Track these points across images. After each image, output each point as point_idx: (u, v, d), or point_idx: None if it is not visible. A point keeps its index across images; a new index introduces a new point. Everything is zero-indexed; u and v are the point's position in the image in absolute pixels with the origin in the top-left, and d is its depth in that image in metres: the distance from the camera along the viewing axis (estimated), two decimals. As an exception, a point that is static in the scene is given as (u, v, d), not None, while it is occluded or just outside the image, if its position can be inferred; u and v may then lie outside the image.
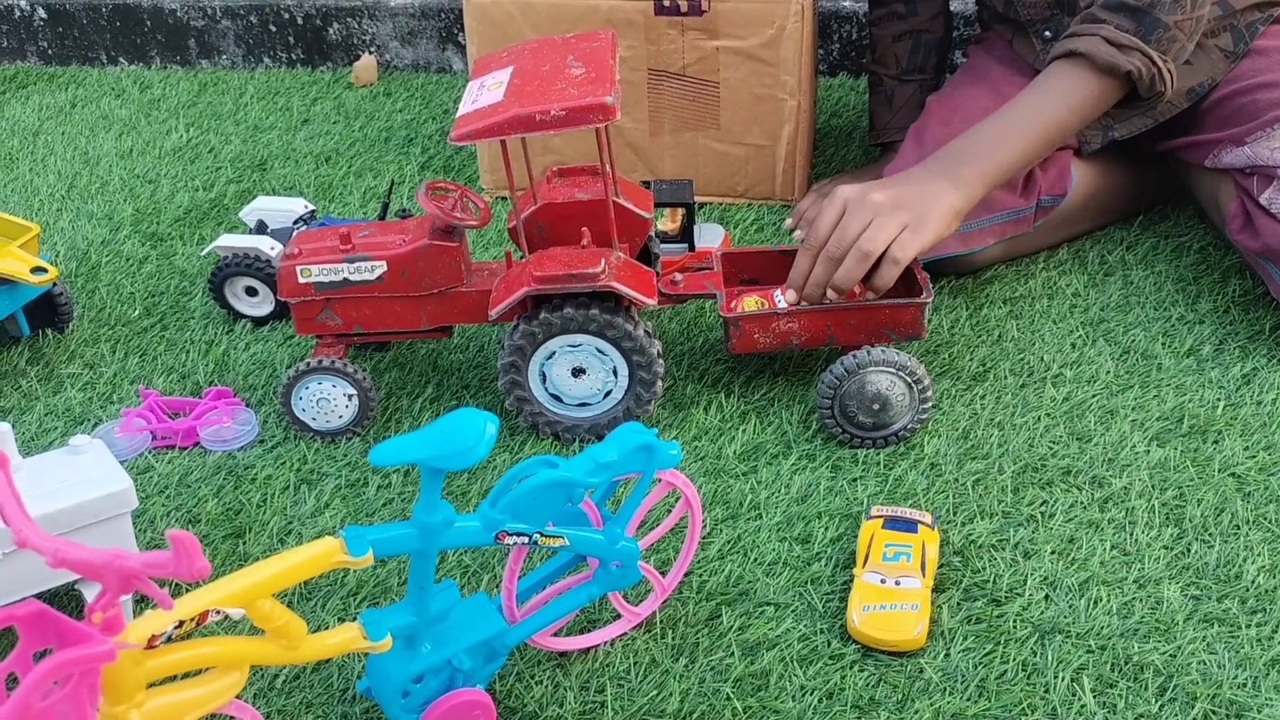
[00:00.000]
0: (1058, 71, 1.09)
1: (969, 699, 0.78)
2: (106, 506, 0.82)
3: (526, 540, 0.74)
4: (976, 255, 1.21)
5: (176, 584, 0.86)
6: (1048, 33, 1.24)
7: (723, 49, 1.33)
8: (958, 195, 1.05)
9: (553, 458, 0.75)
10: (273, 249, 1.20)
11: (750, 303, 1.05)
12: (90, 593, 0.84)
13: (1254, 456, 0.97)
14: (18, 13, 1.96)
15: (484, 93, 0.97)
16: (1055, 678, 0.79)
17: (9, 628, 0.57)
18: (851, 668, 0.80)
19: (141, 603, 0.88)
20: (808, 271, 1.02)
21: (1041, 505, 0.93)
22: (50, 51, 1.98)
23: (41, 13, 1.95)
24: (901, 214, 1.01)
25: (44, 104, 1.81)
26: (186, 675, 0.64)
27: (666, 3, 1.31)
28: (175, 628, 0.60)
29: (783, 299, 1.04)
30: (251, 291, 1.21)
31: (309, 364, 1.03)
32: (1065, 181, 1.22)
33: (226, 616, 0.62)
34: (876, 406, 0.99)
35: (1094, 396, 1.05)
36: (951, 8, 1.42)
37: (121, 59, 1.96)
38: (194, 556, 0.51)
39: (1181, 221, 1.31)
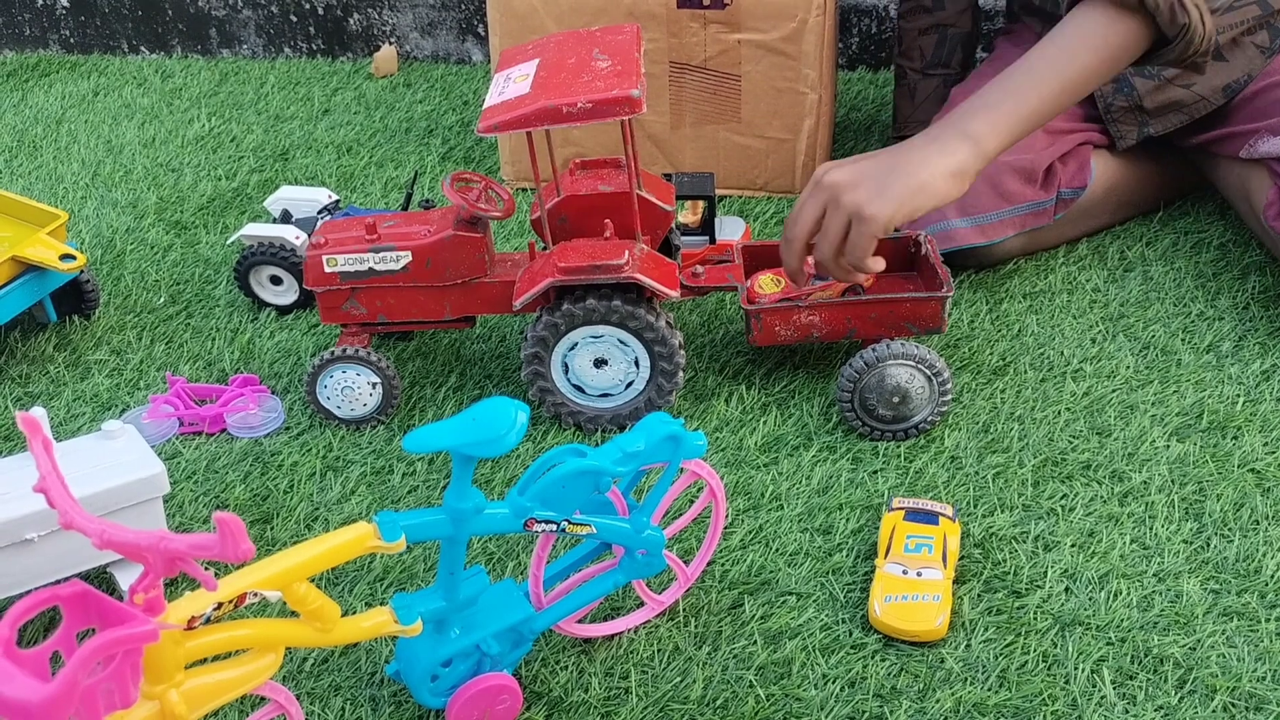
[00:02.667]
0: (1075, 18, 1.03)
1: (990, 689, 0.79)
2: (139, 491, 0.84)
3: (554, 528, 0.75)
4: (996, 247, 1.21)
5: (208, 567, 0.87)
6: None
7: (744, 42, 1.34)
8: (962, 153, 0.97)
9: (581, 446, 0.76)
10: (297, 238, 1.21)
11: (766, 281, 1.05)
12: (124, 577, 0.85)
13: (1273, 452, 0.97)
14: (40, 1, 1.97)
15: (510, 85, 0.98)
16: (1075, 669, 0.80)
17: (53, 607, 0.58)
18: (873, 657, 0.81)
19: (175, 585, 0.89)
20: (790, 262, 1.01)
21: (1062, 499, 0.94)
22: (73, 40, 1.99)
23: (64, 1, 1.97)
24: (851, 196, 0.95)
25: (67, 92, 1.82)
26: (220, 657, 0.65)
27: (689, -4, 1.32)
28: (214, 609, 0.61)
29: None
30: (276, 280, 1.22)
31: (334, 352, 1.04)
32: (1085, 174, 1.23)
33: (263, 599, 0.63)
34: (896, 399, 1.00)
35: (1114, 391, 1.05)
36: (980, 4, 1.42)
37: (143, 48, 1.97)
38: (239, 539, 0.52)
39: (1201, 217, 1.31)
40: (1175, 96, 1.22)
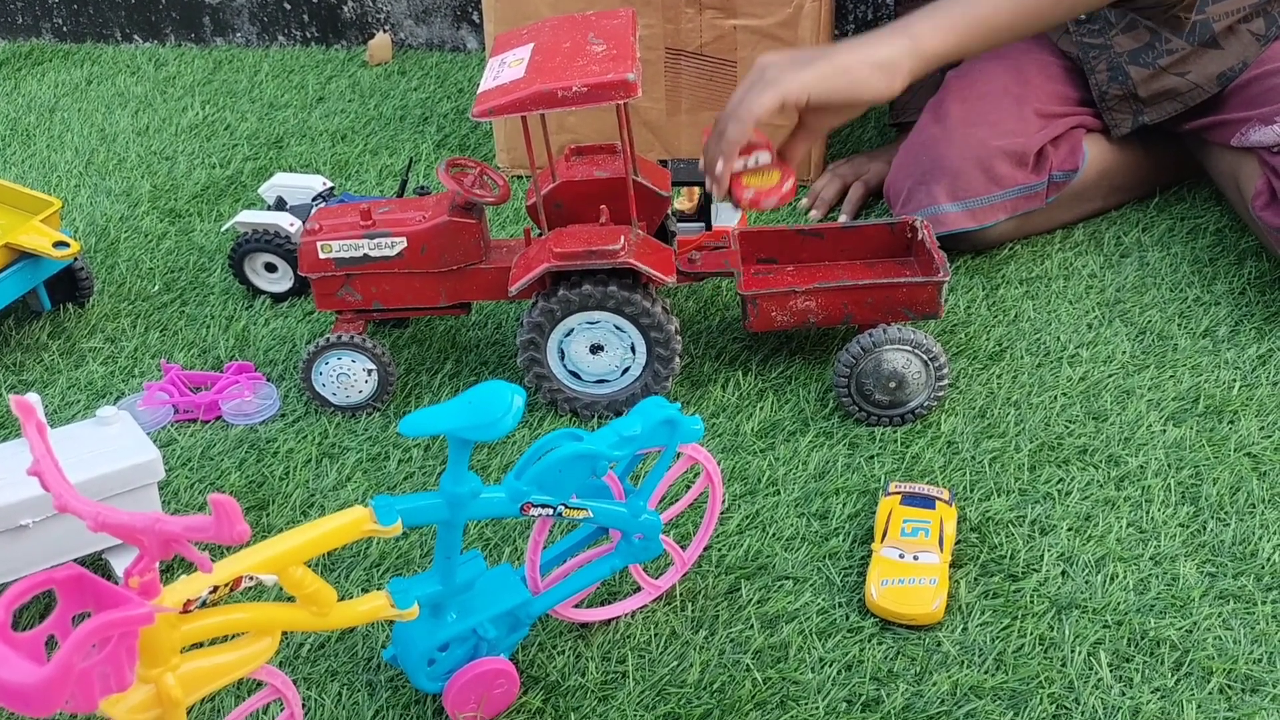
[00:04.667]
0: None
1: (986, 672, 0.79)
2: (135, 476, 0.84)
3: (551, 512, 0.75)
4: (989, 231, 1.21)
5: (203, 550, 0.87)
6: (1082, 15, 1.23)
7: (740, 28, 1.33)
8: (896, 45, 0.93)
9: (578, 431, 0.76)
10: (292, 225, 1.20)
11: (755, 178, 1.01)
12: (119, 563, 0.85)
13: (1269, 436, 0.97)
14: (33, -11, 1.96)
15: (505, 69, 0.97)
16: (1072, 652, 0.80)
17: (47, 590, 0.58)
18: (870, 641, 0.81)
19: (172, 570, 0.89)
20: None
21: (1058, 483, 0.94)
22: (65, 28, 1.98)
23: (56, -11, 1.96)
24: (776, 68, 0.93)
25: (60, 81, 1.81)
26: (216, 640, 0.65)
27: (684, -19, 1.31)
28: (210, 593, 0.61)
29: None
30: (271, 268, 1.22)
31: (329, 339, 1.03)
32: (1077, 157, 1.22)
33: (259, 583, 0.63)
34: (893, 384, 1.00)
35: (1110, 376, 1.05)
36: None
37: (136, 36, 1.97)
38: (235, 520, 0.52)
39: (1198, 203, 1.31)
40: (1170, 85, 1.22)
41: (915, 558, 0.85)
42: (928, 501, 0.89)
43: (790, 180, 1.01)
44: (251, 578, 0.62)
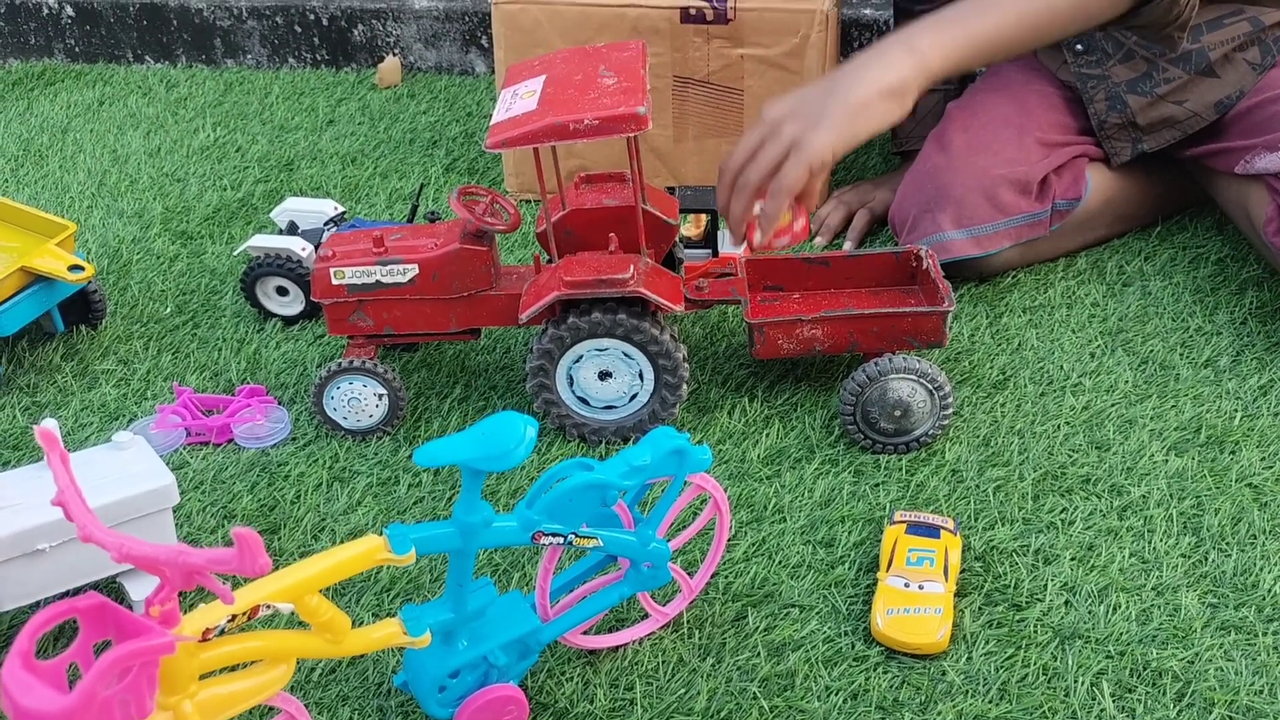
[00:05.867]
0: None
1: (990, 701, 0.80)
2: (149, 502, 0.85)
3: (562, 540, 0.76)
4: (993, 258, 1.22)
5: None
6: (1079, 46, 1.25)
7: (747, 57, 1.35)
8: (903, 67, 0.93)
9: (588, 460, 0.77)
10: (304, 250, 1.22)
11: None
12: (133, 587, 0.86)
13: (1271, 467, 0.99)
14: (46, 10, 1.98)
15: (517, 101, 0.99)
16: (1075, 682, 0.80)
17: (70, 619, 0.59)
18: (875, 669, 0.82)
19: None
20: (727, 202, 0.99)
21: (1061, 512, 0.95)
22: (78, 49, 2.00)
23: (69, 10, 1.98)
24: (790, 127, 0.93)
25: (72, 101, 1.83)
26: (233, 668, 0.66)
27: (692, 11, 1.33)
28: (228, 621, 0.62)
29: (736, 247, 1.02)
30: (282, 291, 1.23)
31: (340, 364, 1.05)
32: (1080, 186, 1.24)
33: (276, 611, 0.64)
34: (898, 413, 1.01)
35: (1113, 406, 1.07)
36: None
37: (148, 57, 1.98)
38: (257, 553, 0.53)
39: (1200, 233, 1.32)
40: (1168, 113, 1.23)
41: (920, 587, 0.86)
42: (933, 531, 0.90)
43: (802, 219, 1.02)
44: (269, 606, 0.63)
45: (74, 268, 1.14)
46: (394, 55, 1.90)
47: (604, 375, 1.03)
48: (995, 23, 0.95)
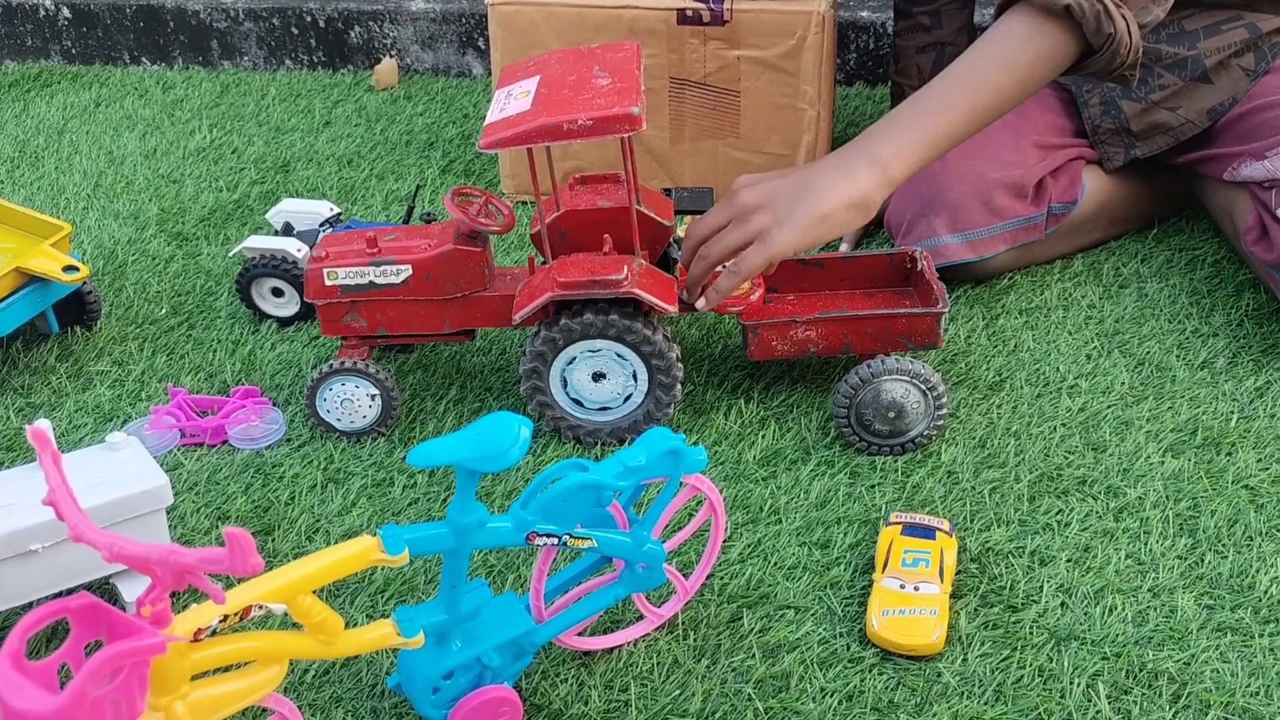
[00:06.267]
0: (995, 29, 1.02)
1: (986, 703, 0.79)
2: (143, 502, 0.84)
3: (556, 541, 0.76)
4: (989, 262, 1.22)
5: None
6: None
7: (744, 58, 1.35)
8: (867, 179, 0.97)
9: (583, 461, 0.77)
10: (299, 251, 1.21)
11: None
12: (126, 588, 0.85)
13: (1267, 469, 0.98)
14: (42, 12, 1.98)
15: (511, 101, 0.99)
16: (1071, 684, 0.80)
17: (61, 619, 0.58)
18: (871, 671, 0.82)
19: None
20: (688, 262, 1.03)
21: (1057, 514, 0.95)
22: (74, 51, 2.00)
23: (66, 12, 1.97)
24: (758, 220, 0.98)
25: (68, 103, 1.83)
26: (225, 669, 0.66)
27: (689, 12, 1.33)
28: (220, 622, 0.62)
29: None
30: (278, 292, 1.23)
31: (333, 365, 1.04)
32: (1076, 189, 1.24)
33: (268, 611, 0.64)
34: (892, 414, 1.01)
35: (1109, 407, 1.06)
36: (974, 20, 1.43)
37: (144, 59, 1.98)
38: (249, 553, 0.53)
39: (1196, 235, 1.32)
40: (1160, 119, 1.23)
41: (916, 588, 0.86)
42: (928, 532, 0.90)
43: (759, 291, 1.06)
44: (261, 607, 0.63)
45: (69, 269, 1.14)
46: (391, 57, 1.90)
47: (598, 377, 1.03)
48: (949, 120, 0.99)
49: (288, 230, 1.28)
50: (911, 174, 1.00)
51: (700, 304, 1.02)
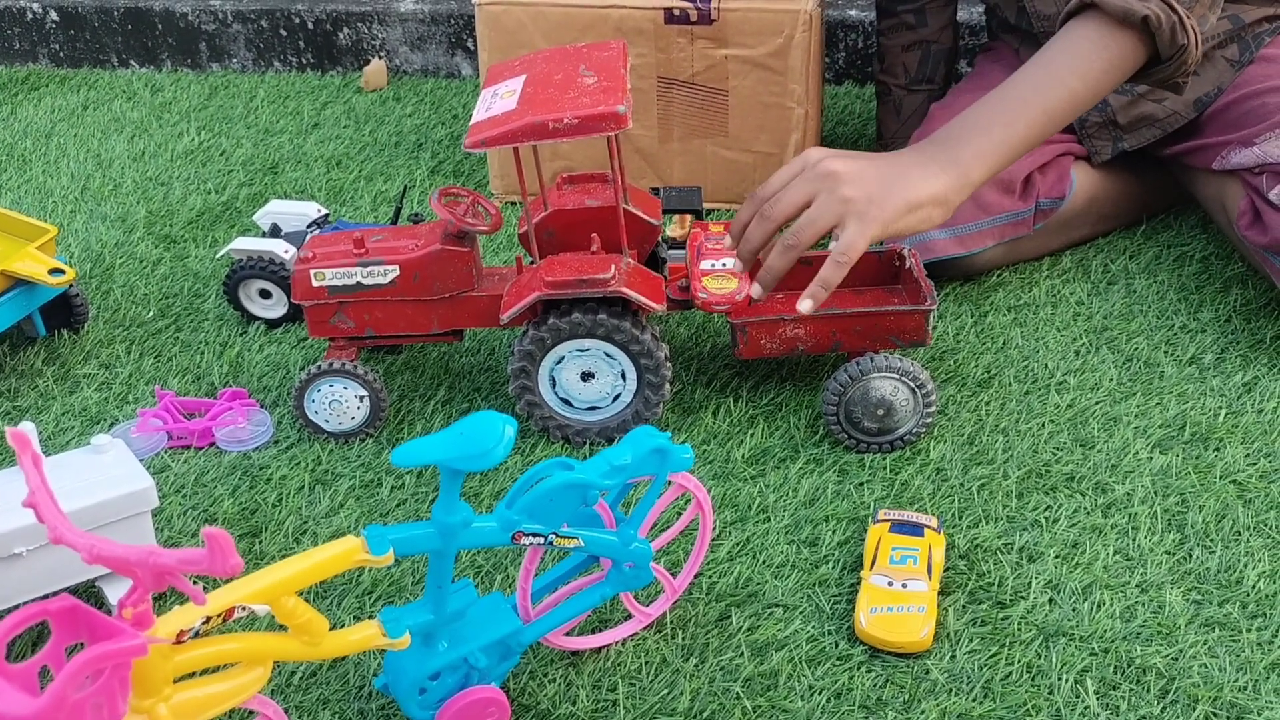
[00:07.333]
0: (1067, 35, 1.01)
1: (974, 700, 0.79)
2: (128, 505, 0.84)
3: (542, 541, 0.75)
4: (977, 257, 1.22)
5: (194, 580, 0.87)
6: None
7: (731, 57, 1.35)
8: (948, 179, 0.96)
9: (568, 460, 0.77)
10: (287, 252, 1.21)
11: (712, 283, 1.01)
12: (112, 591, 0.85)
13: (1255, 464, 0.98)
14: (30, 15, 1.98)
15: (497, 101, 0.98)
16: (1059, 679, 0.80)
17: (42, 622, 0.58)
18: (859, 668, 0.82)
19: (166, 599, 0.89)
20: (745, 223, 0.98)
21: (1046, 510, 0.95)
22: (62, 54, 1.99)
23: (53, 15, 1.97)
24: (851, 190, 0.92)
25: (56, 106, 1.82)
26: (209, 670, 0.66)
27: (676, 11, 1.33)
28: (202, 623, 0.62)
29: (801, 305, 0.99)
30: (265, 294, 1.23)
31: (321, 366, 1.04)
32: (1064, 185, 1.24)
33: (252, 613, 0.63)
34: (881, 412, 1.01)
35: (1097, 403, 1.06)
36: (959, 18, 1.44)
37: (133, 62, 1.98)
38: (228, 554, 0.52)
39: (1184, 231, 1.32)
40: (1147, 111, 1.23)
41: (904, 585, 0.85)
42: (916, 529, 0.90)
43: (744, 290, 1.01)
44: (244, 608, 0.63)
45: (55, 271, 1.14)
46: (379, 58, 1.89)
47: (586, 376, 1.03)
48: (1027, 124, 0.98)
49: (275, 232, 1.28)
50: (989, 178, 0.98)
51: (755, 291, 0.96)
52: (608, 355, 1.01)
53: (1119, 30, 0.99)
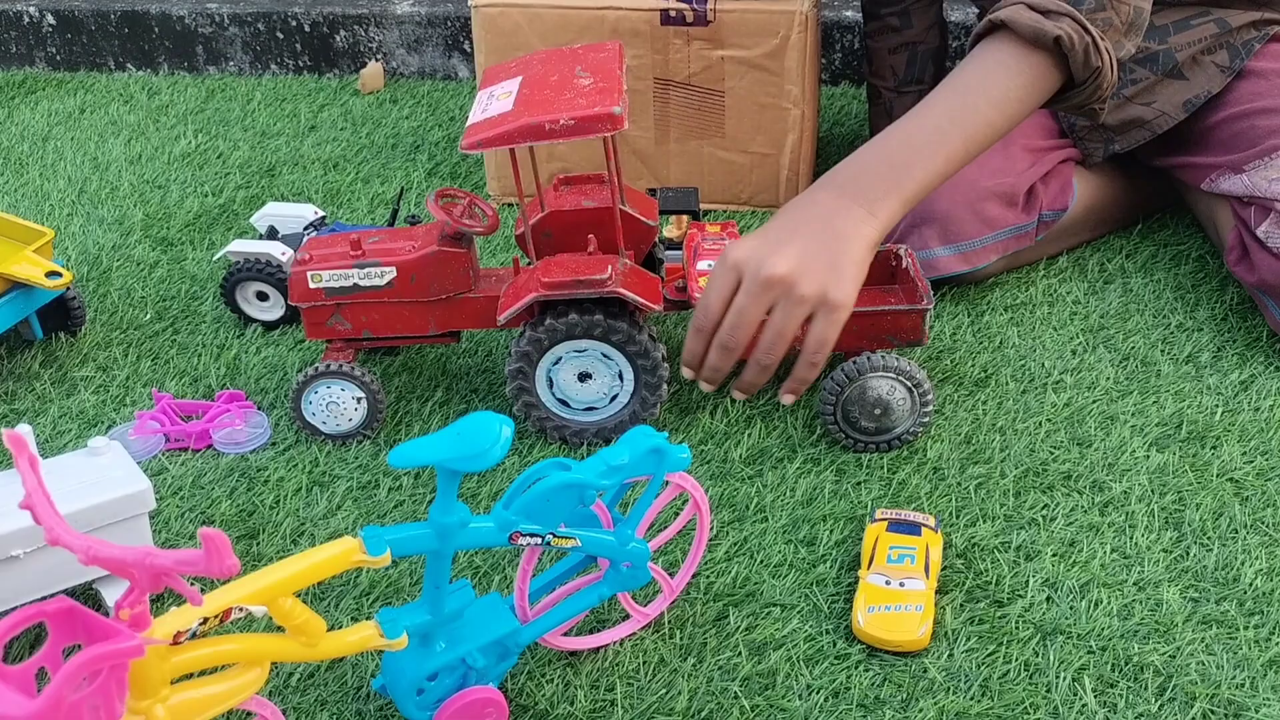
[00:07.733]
0: (980, 57, 0.99)
1: (972, 698, 0.79)
2: (125, 507, 0.84)
3: (540, 541, 0.75)
4: (979, 271, 1.22)
5: (190, 581, 0.87)
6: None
7: (728, 58, 1.35)
8: (876, 223, 0.94)
9: (565, 460, 0.77)
10: (284, 254, 1.21)
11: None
12: (110, 593, 0.85)
13: (1251, 461, 0.99)
14: (26, 19, 1.98)
15: (493, 102, 0.98)
16: (1057, 678, 0.80)
17: (39, 624, 0.58)
18: (857, 667, 0.82)
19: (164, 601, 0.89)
20: (701, 355, 0.95)
21: (1043, 509, 0.95)
22: (59, 57, 1.99)
23: (50, 19, 1.97)
24: (806, 288, 0.90)
25: (53, 109, 1.82)
26: (205, 672, 0.66)
27: (672, 13, 1.33)
28: (199, 624, 0.62)
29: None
30: (262, 296, 1.23)
31: (318, 368, 1.04)
32: (1067, 196, 1.23)
33: (249, 614, 0.63)
34: (878, 411, 1.01)
35: (1094, 402, 1.07)
36: (950, 18, 1.44)
37: (129, 65, 1.98)
38: (224, 554, 0.52)
39: (1180, 230, 1.32)
40: (1136, 114, 1.23)
41: (901, 584, 0.86)
42: (914, 528, 0.90)
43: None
44: (241, 609, 0.63)
45: (51, 274, 1.14)
46: (376, 60, 1.90)
47: (584, 377, 1.03)
48: (946, 159, 0.96)
49: (272, 234, 1.28)
50: (907, 212, 0.97)
51: (786, 399, 0.97)
52: (605, 356, 1.01)
53: (1031, 52, 0.96)
